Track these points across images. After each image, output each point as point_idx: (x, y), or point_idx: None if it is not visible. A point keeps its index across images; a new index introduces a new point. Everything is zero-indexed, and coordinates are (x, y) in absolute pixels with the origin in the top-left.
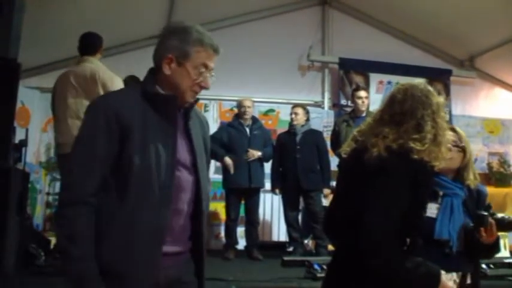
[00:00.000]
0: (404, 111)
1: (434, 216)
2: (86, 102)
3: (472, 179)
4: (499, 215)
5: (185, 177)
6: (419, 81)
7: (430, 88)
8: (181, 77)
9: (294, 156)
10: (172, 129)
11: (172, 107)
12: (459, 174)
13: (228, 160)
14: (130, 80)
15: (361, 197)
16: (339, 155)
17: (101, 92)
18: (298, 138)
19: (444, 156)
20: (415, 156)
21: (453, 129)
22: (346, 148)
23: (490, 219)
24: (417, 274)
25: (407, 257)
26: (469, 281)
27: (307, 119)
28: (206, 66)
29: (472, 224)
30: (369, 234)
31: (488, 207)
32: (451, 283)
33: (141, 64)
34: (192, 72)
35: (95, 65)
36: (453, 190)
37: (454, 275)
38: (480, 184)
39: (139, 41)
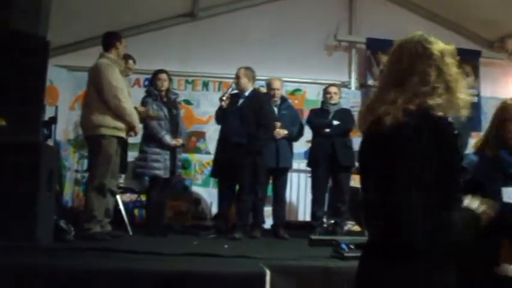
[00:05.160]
0: (402, 70)
1: None
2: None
3: None
4: None
5: None
6: (414, 33)
7: (426, 37)
8: None
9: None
10: None
11: None
12: None
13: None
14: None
15: (386, 173)
16: None
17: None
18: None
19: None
20: (439, 113)
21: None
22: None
23: None
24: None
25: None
26: None
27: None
28: None
29: None
30: (401, 214)
31: None
32: None
33: (164, 43)
34: None
35: (99, 61)
36: None
37: None
38: None
39: (163, 20)
